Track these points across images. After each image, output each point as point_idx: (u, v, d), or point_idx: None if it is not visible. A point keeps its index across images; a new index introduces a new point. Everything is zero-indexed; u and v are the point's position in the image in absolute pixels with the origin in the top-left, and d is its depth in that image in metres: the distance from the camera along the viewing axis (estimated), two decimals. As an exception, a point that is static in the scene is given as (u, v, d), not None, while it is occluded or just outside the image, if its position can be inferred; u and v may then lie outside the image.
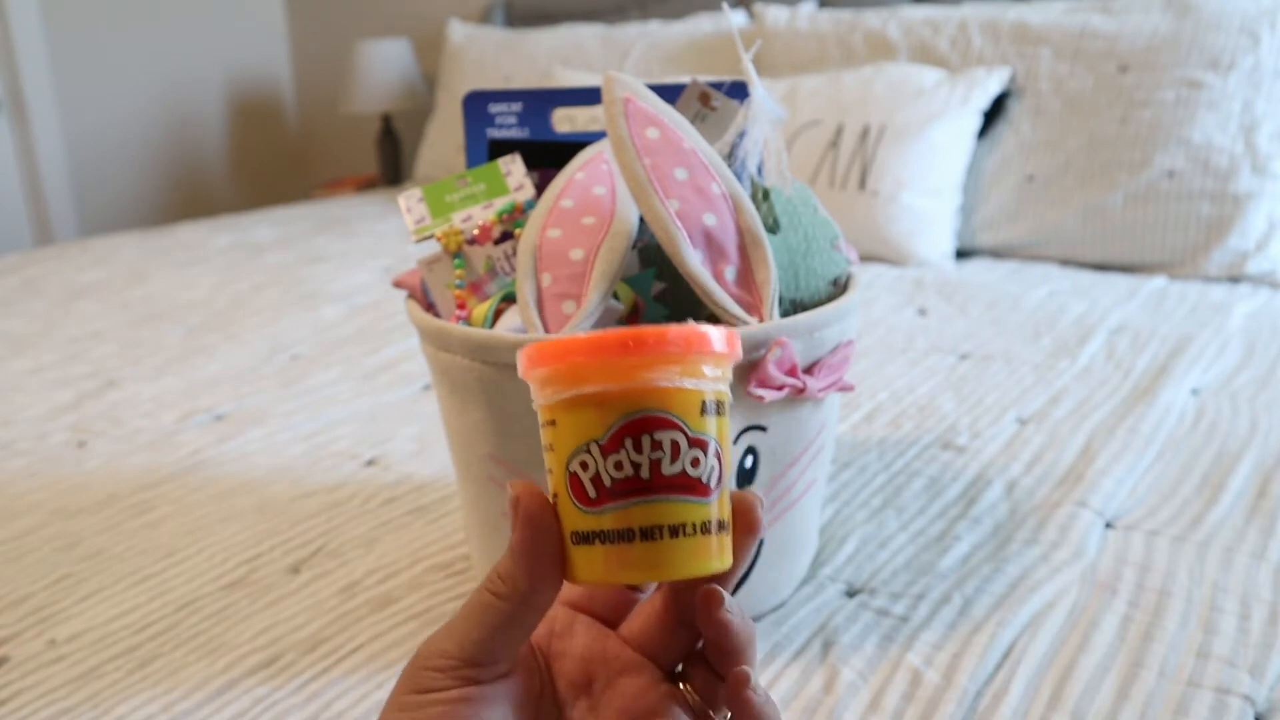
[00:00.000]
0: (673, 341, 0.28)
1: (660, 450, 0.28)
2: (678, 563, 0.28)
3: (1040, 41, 1.58)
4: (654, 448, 0.28)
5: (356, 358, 1.12)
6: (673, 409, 0.28)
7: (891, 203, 1.51)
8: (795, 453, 0.55)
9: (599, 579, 0.29)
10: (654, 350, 0.28)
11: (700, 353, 0.29)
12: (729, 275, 0.51)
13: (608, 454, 0.28)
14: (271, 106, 3.02)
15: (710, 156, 0.52)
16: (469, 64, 2.28)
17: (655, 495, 0.28)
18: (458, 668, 0.30)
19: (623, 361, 0.28)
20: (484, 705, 0.30)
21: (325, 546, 0.69)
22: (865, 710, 0.50)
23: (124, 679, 0.55)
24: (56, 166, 2.52)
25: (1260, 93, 1.40)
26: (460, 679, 0.30)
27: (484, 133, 0.66)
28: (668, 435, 0.28)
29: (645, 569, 0.29)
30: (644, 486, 0.28)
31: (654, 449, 0.28)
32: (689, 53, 1.98)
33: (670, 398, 0.28)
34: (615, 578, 0.29)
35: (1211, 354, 1.03)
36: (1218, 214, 1.39)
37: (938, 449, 0.81)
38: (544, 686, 0.33)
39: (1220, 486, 0.73)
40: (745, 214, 0.52)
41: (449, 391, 0.56)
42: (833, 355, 0.54)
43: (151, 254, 1.76)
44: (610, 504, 0.28)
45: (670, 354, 0.28)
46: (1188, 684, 0.51)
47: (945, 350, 1.07)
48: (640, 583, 0.30)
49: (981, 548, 0.65)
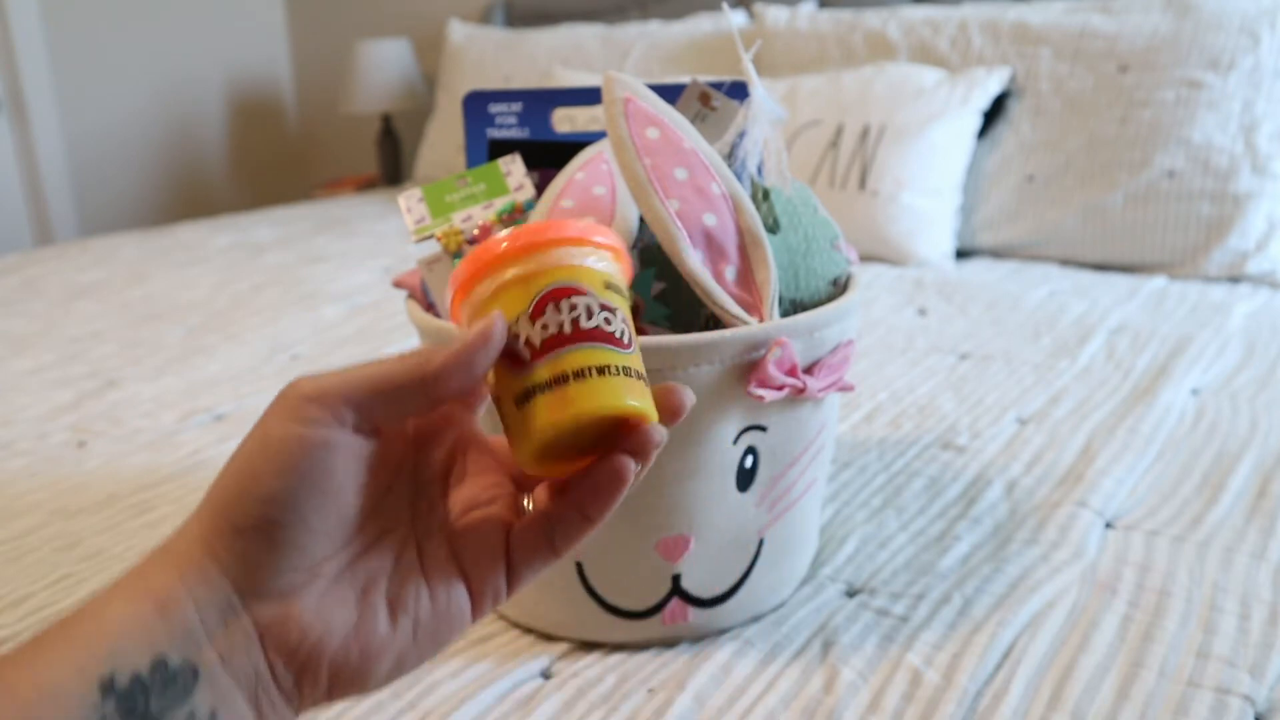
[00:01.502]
0: (571, 229, 0.35)
1: (576, 310, 0.33)
2: (607, 395, 0.33)
3: (1040, 41, 1.58)
4: (571, 309, 0.33)
5: (357, 358, 1.12)
6: (581, 280, 0.34)
7: (891, 203, 1.51)
8: (795, 452, 0.55)
9: (541, 434, 0.32)
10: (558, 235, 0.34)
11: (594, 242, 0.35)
12: (729, 275, 0.51)
13: (534, 320, 0.33)
14: (271, 106, 3.02)
15: (710, 156, 0.52)
16: (469, 64, 2.28)
17: (579, 344, 0.33)
18: (336, 408, 0.30)
19: (535, 248, 0.34)
20: (346, 454, 0.31)
21: (325, 546, 0.69)
22: (865, 710, 0.50)
23: (124, 679, 0.55)
24: (56, 166, 2.52)
25: (1260, 93, 1.40)
26: (333, 420, 0.30)
27: (484, 133, 0.66)
28: (581, 300, 0.34)
29: (580, 404, 0.32)
30: (568, 339, 0.33)
31: (571, 310, 0.33)
32: (689, 53, 1.98)
33: (578, 273, 0.34)
34: (557, 421, 0.32)
35: (1211, 354, 1.03)
36: (1218, 214, 1.39)
37: (938, 449, 0.81)
38: (404, 461, 0.35)
39: (1220, 486, 0.73)
40: (745, 214, 0.52)
41: None
42: (833, 355, 0.54)
43: (151, 254, 1.76)
44: (542, 359, 0.33)
45: (571, 239, 0.34)
46: (1188, 684, 0.51)
47: (945, 350, 1.07)
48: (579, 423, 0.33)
49: (981, 548, 0.65)
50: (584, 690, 0.52)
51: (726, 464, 0.52)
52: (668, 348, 0.48)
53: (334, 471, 0.30)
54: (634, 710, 0.50)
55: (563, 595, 0.55)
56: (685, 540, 0.53)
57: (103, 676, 0.27)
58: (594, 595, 0.54)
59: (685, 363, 0.49)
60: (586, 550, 0.54)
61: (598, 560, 0.54)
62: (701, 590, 0.55)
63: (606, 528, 0.52)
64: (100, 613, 0.29)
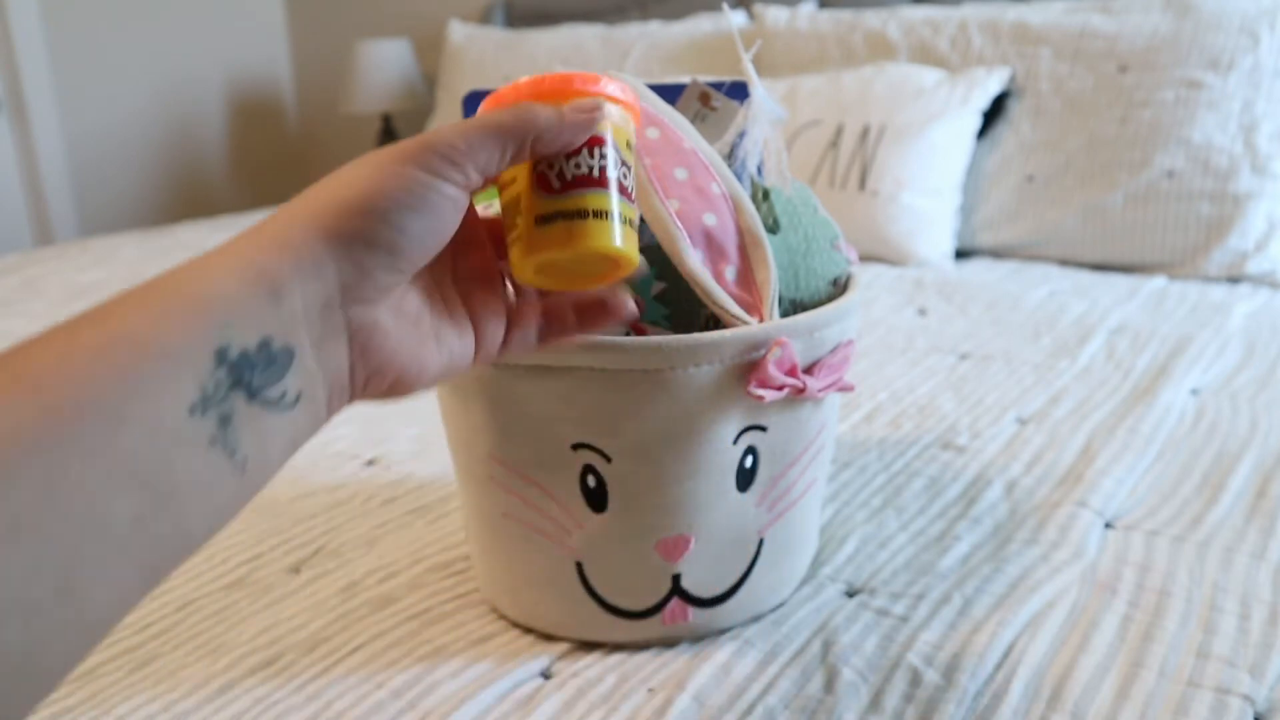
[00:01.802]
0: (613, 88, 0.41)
1: (605, 160, 0.40)
2: (611, 237, 0.39)
3: (1040, 41, 1.58)
4: (601, 157, 0.40)
5: (356, 358, 1.12)
6: (613, 134, 0.40)
7: (891, 203, 1.51)
8: (795, 452, 0.55)
9: (552, 251, 0.39)
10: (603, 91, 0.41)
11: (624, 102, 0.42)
12: (729, 275, 0.51)
13: (570, 158, 0.39)
14: (271, 106, 3.02)
15: (710, 156, 0.52)
16: (469, 64, 2.28)
17: (602, 188, 0.40)
18: (462, 165, 0.36)
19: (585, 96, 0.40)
20: (454, 205, 0.37)
21: (325, 546, 0.69)
22: (865, 710, 0.50)
23: (125, 678, 0.55)
24: (56, 166, 2.52)
25: (1260, 93, 1.40)
26: (459, 175, 0.36)
27: None
28: (612, 151, 0.40)
29: (592, 239, 0.39)
30: (595, 181, 0.40)
31: (601, 158, 0.40)
32: (689, 53, 1.98)
33: (612, 128, 0.40)
34: (569, 248, 0.39)
35: (1211, 354, 1.03)
36: (1217, 214, 1.39)
37: (938, 449, 0.81)
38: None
39: (1220, 486, 0.73)
40: (745, 214, 0.52)
41: (450, 392, 0.56)
42: (833, 355, 0.54)
43: (151, 254, 1.76)
44: (570, 191, 0.39)
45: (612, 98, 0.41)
46: (1187, 684, 0.51)
47: (945, 350, 1.07)
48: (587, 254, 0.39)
49: (981, 548, 0.65)
50: (584, 690, 0.52)
51: (726, 464, 0.52)
52: (667, 347, 0.48)
53: (444, 217, 0.36)
54: (634, 710, 0.50)
55: (563, 595, 0.55)
56: (685, 540, 0.53)
57: (219, 347, 0.30)
58: (594, 595, 0.54)
59: (685, 362, 0.49)
60: (586, 550, 0.54)
61: (597, 560, 0.54)
62: (701, 590, 0.55)
63: (605, 528, 0.52)
64: (210, 283, 0.31)
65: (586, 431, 0.51)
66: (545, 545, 0.54)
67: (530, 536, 0.55)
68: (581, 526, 0.53)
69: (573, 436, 0.51)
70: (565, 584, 0.55)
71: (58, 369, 0.27)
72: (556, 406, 0.50)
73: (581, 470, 0.52)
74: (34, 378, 0.27)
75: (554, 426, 0.51)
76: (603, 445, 0.51)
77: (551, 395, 0.50)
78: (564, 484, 0.52)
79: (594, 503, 0.52)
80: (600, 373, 0.49)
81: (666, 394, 0.49)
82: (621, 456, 0.51)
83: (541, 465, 0.52)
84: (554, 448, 0.52)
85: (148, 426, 0.28)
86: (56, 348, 0.28)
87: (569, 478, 0.52)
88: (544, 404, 0.51)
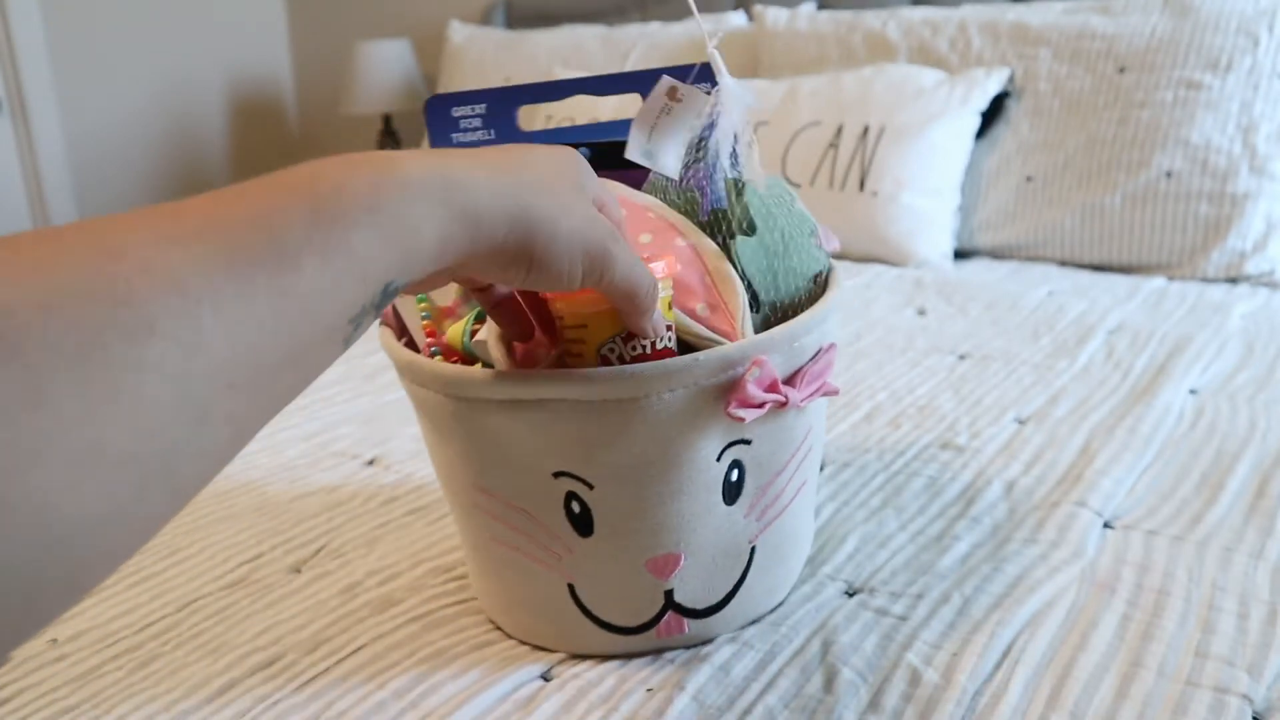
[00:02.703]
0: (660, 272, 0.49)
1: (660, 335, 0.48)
2: None
3: (1039, 42, 1.58)
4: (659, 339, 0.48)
5: (357, 357, 1.12)
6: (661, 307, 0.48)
7: (891, 203, 1.51)
8: (782, 460, 0.54)
9: None
10: None
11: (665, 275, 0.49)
12: (700, 311, 0.51)
13: (627, 341, 0.47)
14: (271, 106, 3.02)
15: (669, 214, 0.55)
16: (469, 64, 2.28)
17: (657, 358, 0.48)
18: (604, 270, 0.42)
19: None
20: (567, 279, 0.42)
21: (326, 546, 0.69)
22: (865, 710, 0.50)
23: (125, 678, 0.55)
24: (56, 166, 2.52)
25: (1259, 93, 1.40)
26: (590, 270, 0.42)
27: (450, 139, 0.62)
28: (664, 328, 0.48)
29: None
30: (648, 357, 0.47)
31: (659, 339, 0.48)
32: (689, 53, 1.98)
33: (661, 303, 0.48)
34: None
35: (1210, 354, 1.03)
36: (1216, 214, 1.40)
37: (937, 449, 0.81)
38: None
39: (1219, 486, 0.73)
40: (710, 256, 0.53)
41: (428, 423, 0.55)
42: (814, 362, 0.53)
43: (151, 254, 1.75)
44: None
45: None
46: (1186, 683, 0.51)
47: (945, 350, 1.07)
48: None
49: (981, 547, 0.65)
50: (584, 691, 0.52)
51: (711, 480, 0.51)
52: (639, 375, 0.47)
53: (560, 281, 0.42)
54: (633, 710, 0.50)
55: (557, 614, 0.54)
56: (675, 558, 0.52)
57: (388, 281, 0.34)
58: (588, 614, 0.54)
59: (659, 388, 0.47)
60: (577, 572, 0.53)
61: (589, 581, 0.53)
62: (695, 602, 0.54)
63: (594, 550, 0.52)
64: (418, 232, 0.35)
65: (565, 461, 0.50)
66: (536, 569, 0.54)
67: (520, 560, 0.54)
68: (570, 551, 0.52)
69: (552, 466, 0.50)
70: (559, 604, 0.54)
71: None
72: (532, 438, 0.49)
73: (565, 497, 0.51)
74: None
75: (532, 457, 0.50)
76: (583, 473, 0.50)
77: (526, 428, 0.49)
78: (549, 510, 0.52)
79: (580, 528, 0.52)
80: (574, 404, 0.48)
81: (643, 421, 0.48)
82: (603, 483, 0.50)
83: (524, 494, 0.52)
84: (534, 477, 0.51)
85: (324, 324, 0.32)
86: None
87: (553, 505, 0.51)
88: (519, 436, 0.50)
